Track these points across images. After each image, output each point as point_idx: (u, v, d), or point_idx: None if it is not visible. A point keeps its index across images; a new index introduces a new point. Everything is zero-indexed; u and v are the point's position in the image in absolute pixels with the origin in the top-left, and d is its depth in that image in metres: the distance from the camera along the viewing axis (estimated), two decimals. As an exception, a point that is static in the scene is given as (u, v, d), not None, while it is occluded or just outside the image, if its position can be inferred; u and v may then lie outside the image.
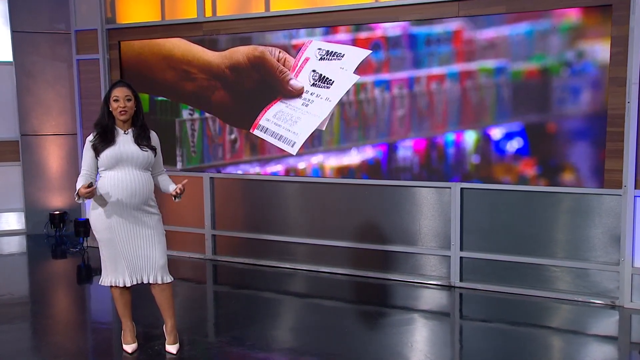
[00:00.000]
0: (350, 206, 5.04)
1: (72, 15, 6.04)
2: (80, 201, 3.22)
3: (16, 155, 6.66)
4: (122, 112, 3.28)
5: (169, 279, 3.40)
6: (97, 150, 3.28)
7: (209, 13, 5.42)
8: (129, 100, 3.29)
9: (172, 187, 3.43)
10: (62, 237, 6.56)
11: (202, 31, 5.43)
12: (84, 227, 5.98)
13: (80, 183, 3.21)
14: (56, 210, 6.66)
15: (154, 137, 3.44)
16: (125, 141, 3.31)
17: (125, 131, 3.34)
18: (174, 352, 3.45)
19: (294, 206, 5.29)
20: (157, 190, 3.48)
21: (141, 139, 3.33)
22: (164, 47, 5.53)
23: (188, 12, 5.53)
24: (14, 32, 6.50)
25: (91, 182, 3.18)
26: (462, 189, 4.60)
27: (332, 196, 5.09)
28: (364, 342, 3.70)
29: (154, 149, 3.39)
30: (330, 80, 4.88)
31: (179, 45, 5.46)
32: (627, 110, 4.06)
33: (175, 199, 3.40)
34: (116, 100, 3.27)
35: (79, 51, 6.03)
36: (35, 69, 6.57)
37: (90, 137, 3.33)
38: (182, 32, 5.50)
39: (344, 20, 4.86)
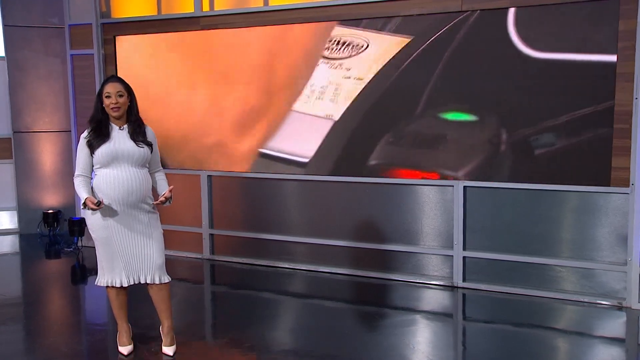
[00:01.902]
0: (350, 205, 4.98)
1: (66, 9, 5.94)
2: (86, 210, 3.18)
3: (9, 152, 6.60)
4: (115, 109, 3.24)
5: (166, 279, 3.36)
6: (92, 146, 3.23)
7: (206, 7, 5.35)
8: (120, 96, 3.24)
9: (162, 191, 3.39)
10: (56, 236, 6.50)
11: (200, 26, 5.34)
12: (78, 226, 5.92)
13: (83, 191, 3.18)
14: (50, 209, 6.61)
15: (149, 132, 3.39)
16: (120, 138, 3.26)
17: (120, 127, 3.28)
18: (171, 354, 3.41)
19: (293, 205, 5.23)
20: (155, 188, 3.43)
21: (137, 135, 3.28)
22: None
23: (185, 6, 5.45)
24: (6, 26, 6.43)
25: (100, 201, 3.13)
26: (465, 187, 4.54)
27: (332, 194, 5.04)
28: (364, 343, 3.64)
29: (150, 145, 3.33)
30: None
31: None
32: (634, 107, 3.99)
33: (163, 204, 3.35)
34: (108, 97, 3.24)
35: (73, 46, 5.94)
36: (28, 64, 6.50)
37: (85, 134, 3.28)
38: (179, 27, 5.42)
39: (344, 15, 4.79)
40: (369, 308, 4.36)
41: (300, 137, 5.00)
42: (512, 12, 4.21)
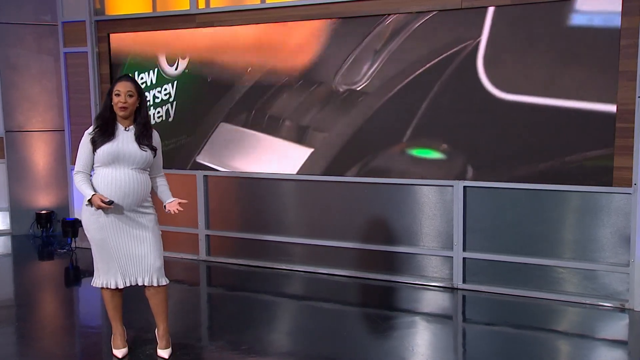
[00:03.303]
0: (349, 205, 4.93)
1: (59, 6, 5.88)
2: (90, 206, 3.14)
3: (0, 152, 6.53)
4: (122, 108, 3.19)
5: (164, 281, 3.32)
6: (95, 144, 3.19)
7: (202, 4, 5.29)
8: (130, 96, 3.20)
9: (167, 199, 3.39)
10: (49, 237, 6.44)
11: (195, 23, 5.28)
12: (72, 227, 5.87)
13: (87, 187, 3.14)
14: (43, 210, 6.55)
15: (155, 137, 3.35)
16: (125, 139, 3.21)
17: (126, 128, 3.24)
18: (166, 356, 3.37)
19: (291, 205, 5.18)
20: (155, 193, 3.42)
21: (142, 138, 3.24)
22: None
23: (181, 3, 5.40)
24: (-3, 23, 6.35)
25: (111, 200, 3.10)
26: (465, 187, 4.49)
27: (330, 195, 4.99)
28: (363, 345, 3.61)
29: (154, 150, 3.29)
30: None
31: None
32: (637, 106, 3.95)
33: (167, 210, 3.38)
34: (117, 95, 3.20)
35: (66, 44, 5.88)
36: (20, 62, 6.43)
37: (90, 130, 3.24)
38: (175, 24, 5.36)
39: (342, 13, 4.75)
40: (368, 310, 4.33)
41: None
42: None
